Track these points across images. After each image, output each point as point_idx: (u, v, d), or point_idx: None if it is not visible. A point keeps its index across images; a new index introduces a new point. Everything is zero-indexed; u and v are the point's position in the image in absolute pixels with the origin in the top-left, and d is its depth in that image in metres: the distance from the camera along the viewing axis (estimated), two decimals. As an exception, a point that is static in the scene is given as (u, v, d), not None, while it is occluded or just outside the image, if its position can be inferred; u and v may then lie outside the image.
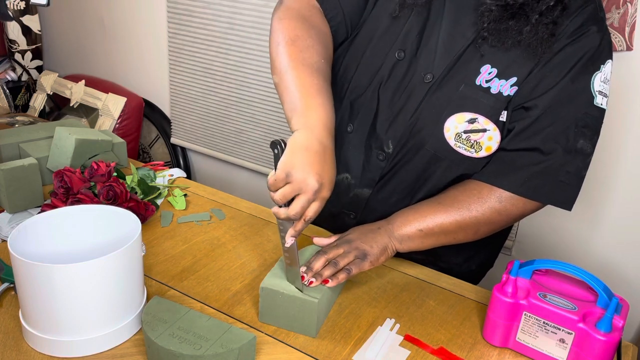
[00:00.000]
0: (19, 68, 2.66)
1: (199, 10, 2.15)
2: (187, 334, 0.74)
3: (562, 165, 0.89)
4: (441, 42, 0.93)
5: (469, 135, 0.92)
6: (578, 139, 0.88)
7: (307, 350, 0.82)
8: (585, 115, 0.88)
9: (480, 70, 0.91)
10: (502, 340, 0.84)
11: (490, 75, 0.91)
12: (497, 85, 0.91)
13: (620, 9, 1.42)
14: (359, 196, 1.06)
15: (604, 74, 0.90)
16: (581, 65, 0.88)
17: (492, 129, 0.92)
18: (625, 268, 1.66)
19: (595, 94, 0.88)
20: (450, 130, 0.93)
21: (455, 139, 0.93)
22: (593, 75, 0.88)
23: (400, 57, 0.96)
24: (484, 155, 0.93)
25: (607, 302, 0.77)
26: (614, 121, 1.55)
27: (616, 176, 1.59)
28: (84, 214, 0.86)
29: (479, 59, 0.91)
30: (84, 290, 0.74)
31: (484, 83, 0.91)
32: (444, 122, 0.93)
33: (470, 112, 0.92)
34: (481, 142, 0.92)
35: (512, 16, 0.87)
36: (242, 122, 2.22)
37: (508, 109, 0.91)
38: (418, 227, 0.92)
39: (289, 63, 0.89)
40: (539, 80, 0.89)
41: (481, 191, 0.92)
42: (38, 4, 1.18)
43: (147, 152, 2.60)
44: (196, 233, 1.10)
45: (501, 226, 0.95)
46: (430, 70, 0.94)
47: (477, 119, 0.91)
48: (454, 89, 0.92)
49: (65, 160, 1.22)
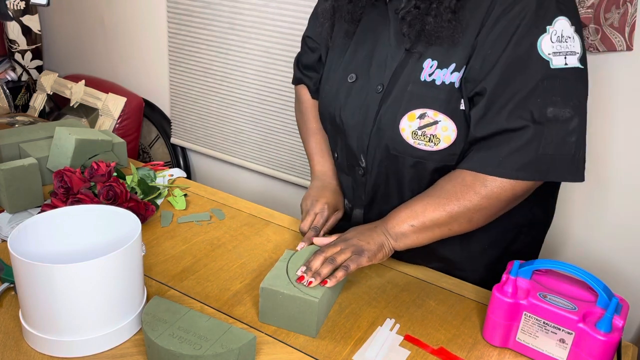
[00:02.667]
0: (19, 68, 2.66)
1: (199, 10, 2.15)
2: (187, 334, 0.74)
3: (537, 138, 0.85)
4: (384, 55, 0.99)
5: (424, 130, 0.94)
6: (546, 107, 0.85)
7: (307, 350, 0.82)
8: (544, 81, 0.84)
9: (422, 66, 0.94)
10: (502, 340, 0.84)
11: (432, 69, 0.93)
12: (441, 75, 0.92)
13: (620, 9, 1.42)
14: (356, 219, 1.11)
15: (556, 34, 0.85)
16: (521, 32, 0.85)
17: (443, 119, 0.92)
18: (625, 268, 1.66)
19: (547, 57, 0.84)
20: (405, 130, 0.95)
21: (413, 137, 0.95)
22: (538, 40, 0.85)
23: (351, 79, 1.03)
24: (445, 147, 0.94)
25: (607, 302, 0.77)
26: (614, 121, 1.55)
27: (616, 176, 1.59)
28: (84, 214, 0.86)
29: (418, 57, 0.94)
30: (84, 290, 0.74)
31: (427, 77, 0.93)
32: (399, 123, 0.95)
33: (419, 108, 0.93)
34: (437, 134, 0.93)
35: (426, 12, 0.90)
36: (242, 122, 2.22)
37: (464, 97, 0.91)
38: (410, 223, 0.93)
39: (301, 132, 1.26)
40: (482, 60, 0.88)
41: (465, 178, 0.91)
42: (38, 4, 1.18)
43: (147, 152, 2.60)
44: (196, 233, 1.10)
45: (496, 211, 0.92)
46: (380, 82, 0.99)
47: (426, 113, 0.93)
48: (402, 90, 0.95)
49: (65, 160, 1.22)
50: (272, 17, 1.98)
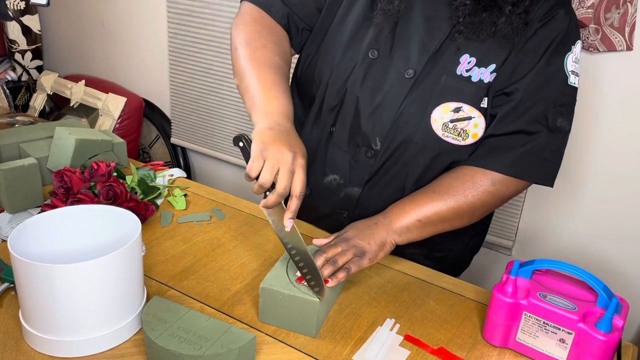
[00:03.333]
0: (19, 68, 2.66)
1: (199, 10, 2.15)
2: (187, 334, 0.74)
3: (547, 144, 0.94)
4: (418, 39, 0.96)
5: (456, 124, 0.96)
6: (557, 117, 0.94)
7: (307, 350, 0.82)
8: (561, 94, 0.94)
9: (459, 60, 0.95)
10: (502, 340, 0.84)
11: (470, 65, 0.95)
12: (478, 73, 0.95)
13: (620, 9, 1.42)
14: (349, 195, 1.07)
15: (575, 54, 0.95)
16: (554, 47, 0.93)
17: (476, 116, 0.95)
18: (625, 268, 1.66)
19: (568, 73, 0.94)
20: (437, 121, 0.96)
21: (443, 129, 0.96)
22: (565, 57, 0.94)
23: (373, 56, 0.99)
24: (470, 143, 0.97)
25: (607, 302, 0.77)
26: (614, 121, 1.55)
27: (616, 176, 1.59)
28: (84, 214, 0.86)
29: (456, 50, 0.95)
30: (84, 290, 0.74)
31: (464, 72, 0.95)
32: (430, 113, 0.96)
33: (454, 101, 0.95)
34: (467, 129, 0.96)
35: (484, 9, 0.91)
36: (242, 122, 2.22)
37: (488, 96, 0.95)
38: (416, 218, 0.94)
39: (246, 64, 0.95)
40: (515, 65, 0.94)
41: (474, 176, 0.95)
42: (38, 4, 1.18)
43: (147, 152, 2.60)
44: (196, 233, 1.10)
45: (494, 208, 1.00)
46: (410, 66, 0.97)
47: (461, 108, 0.95)
48: (436, 80, 0.96)
49: (65, 160, 1.22)
50: (272, 17, 1.98)
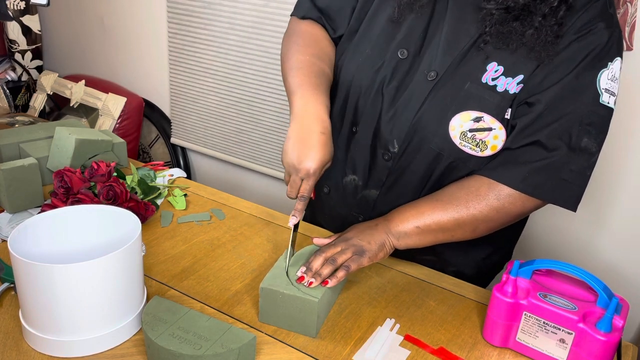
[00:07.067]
0: (19, 68, 2.66)
1: (199, 10, 2.15)
2: (187, 334, 0.74)
3: (566, 163, 0.87)
4: (444, 39, 0.92)
5: (475, 134, 0.91)
6: (582, 137, 0.86)
7: (307, 350, 0.82)
8: (590, 113, 0.86)
9: (486, 68, 0.90)
10: (502, 340, 0.84)
11: (497, 73, 0.90)
12: (504, 83, 0.90)
13: (620, 9, 1.42)
14: (366, 198, 1.06)
15: (612, 72, 0.87)
16: (587, 61, 0.86)
17: (497, 128, 0.90)
18: (625, 268, 1.66)
19: (601, 91, 0.86)
20: (455, 128, 0.91)
21: (461, 138, 0.92)
22: (599, 72, 0.86)
23: (403, 55, 0.95)
24: (489, 154, 0.92)
25: (607, 302, 0.77)
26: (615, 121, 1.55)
27: (618, 176, 1.59)
28: (84, 214, 0.86)
29: (484, 58, 0.90)
30: (84, 290, 0.74)
31: (490, 81, 0.90)
32: (449, 120, 0.91)
33: (475, 110, 0.90)
34: (487, 141, 0.91)
35: (515, 18, 0.86)
36: (242, 122, 2.22)
37: (512, 106, 0.90)
38: (415, 224, 0.92)
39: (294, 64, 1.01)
40: (544, 76, 0.88)
41: (479, 188, 0.91)
42: (38, 4, 1.18)
43: (147, 152, 2.60)
44: (196, 233, 1.10)
45: (500, 224, 0.93)
46: (433, 67, 0.93)
47: (482, 118, 0.90)
48: (459, 86, 0.91)
49: (65, 160, 1.22)
50: (272, 17, 1.98)
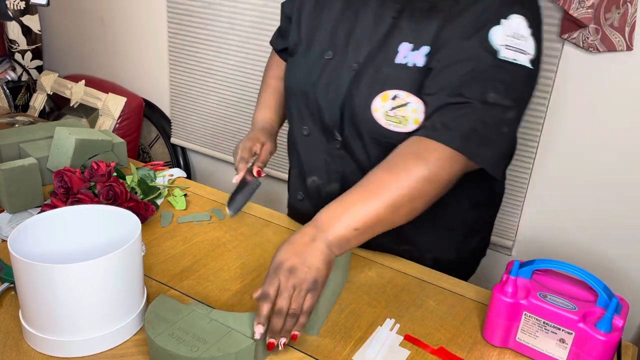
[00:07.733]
0: (19, 68, 2.66)
1: (199, 10, 2.15)
2: (186, 334, 0.74)
3: (477, 113, 0.87)
4: (365, 32, 0.99)
5: (395, 111, 0.95)
6: (487, 92, 0.86)
7: (307, 350, 0.82)
8: (491, 69, 0.87)
9: (397, 49, 0.95)
10: (502, 340, 0.84)
11: (407, 51, 0.94)
12: (412, 58, 0.94)
13: (620, 9, 1.42)
14: (331, 194, 1.07)
15: (510, 29, 0.88)
16: (478, 21, 0.89)
17: (413, 101, 0.93)
18: (625, 268, 1.66)
19: (497, 47, 0.87)
20: (378, 110, 0.96)
21: (385, 118, 0.95)
22: (490, 30, 0.88)
23: (329, 56, 1.03)
24: (413, 129, 0.93)
25: (607, 302, 0.77)
26: (614, 121, 1.55)
27: (617, 176, 1.59)
28: (84, 214, 0.86)
29: (397, 39, 0.95)
30: (84, 290, 0.74)
31: (402, 60, 0.95)
32: (371, 104, 0.96)
33: (391, 89, 0.95)
34: (407, 115, 0.94)
35: None
36: (242, 122, 2.22)
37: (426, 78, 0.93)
38: (354, 227, 0.82)
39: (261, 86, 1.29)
40: (444, 43, 0.91)
41: (407, 162, 0.86)
42: (38, 4, 1.18)
43: (147, 152, 2.60)
44: (196, 233, 1.10)
45: (435, 195, 0.87)
46: (357, 59, 0.99)
47: (397, 95, 0.94)
48: (377, 71, 0.96)
49: (65, 160, 1.22)
50: (272, 17, 1.98)
